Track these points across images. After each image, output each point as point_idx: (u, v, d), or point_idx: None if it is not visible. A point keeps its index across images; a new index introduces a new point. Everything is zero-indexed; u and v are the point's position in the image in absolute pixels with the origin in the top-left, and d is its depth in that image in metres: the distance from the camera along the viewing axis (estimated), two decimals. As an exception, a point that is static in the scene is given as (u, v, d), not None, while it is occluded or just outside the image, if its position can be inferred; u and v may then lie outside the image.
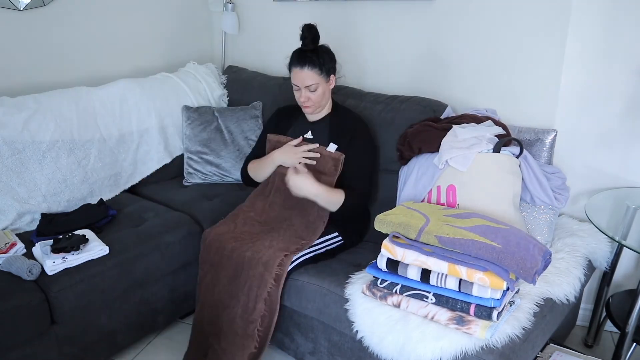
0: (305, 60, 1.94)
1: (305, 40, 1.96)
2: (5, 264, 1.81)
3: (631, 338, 1.83)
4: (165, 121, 2.63)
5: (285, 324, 2.02)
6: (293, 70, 1.97)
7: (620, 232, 1.85)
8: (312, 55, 1.94)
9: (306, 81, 1.94)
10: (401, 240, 1.60)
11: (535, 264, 1.45)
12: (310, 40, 1.96)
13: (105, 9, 2.68)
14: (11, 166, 2.12)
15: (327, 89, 2.02)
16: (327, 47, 2.02)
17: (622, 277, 2.20)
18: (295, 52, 1.99)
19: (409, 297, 1.60)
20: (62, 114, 2.29)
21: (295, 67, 1.96)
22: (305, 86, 1.95)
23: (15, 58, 2.40)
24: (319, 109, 2.04)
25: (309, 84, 1.94)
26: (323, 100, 2.02)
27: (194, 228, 2.22)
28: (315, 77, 1.94)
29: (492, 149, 1.85)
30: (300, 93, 1.98)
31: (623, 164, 2.08)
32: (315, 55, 1.95)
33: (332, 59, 2.01)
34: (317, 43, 1.98)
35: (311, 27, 1.97)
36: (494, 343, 1.46)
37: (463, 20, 2.23)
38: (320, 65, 1.94)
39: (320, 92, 1.98)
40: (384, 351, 1.60)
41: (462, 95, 2.31)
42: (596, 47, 2.00)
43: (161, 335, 2.29)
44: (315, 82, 1.95)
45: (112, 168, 2.45)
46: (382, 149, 2.21)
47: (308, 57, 1.94)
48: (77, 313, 1.87)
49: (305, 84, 1.95)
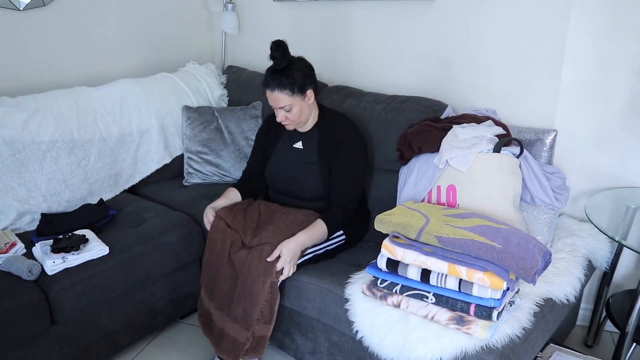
0: (274, 82, 1.86)
1: (275, 60, 1.87)
2: (5, 264, 1.82)
3: (631, 338, 1.83)
4: (165, 121, 2.63)
5: (285, 324, 2.02)
6: (266, 91, 1.91)
7: (620, 232, 1.85)
8: (282, 77, 1.85)
9: (279, 103, 1.89)
10: (401, 240, 1.60)
11: (536, 264, 1.45)
12: (280, 58, 1.85)
13: (105, 9, 2.68)
14: (11, 166, 2.12)
15: (305, 106, 1.93)
16: (301, 62, 1.91)
17: (622, 277, 2.20)
18: (267, 71, 1.91)
19: (409, 297, 1.60)
20: (62, 114, 2.29)
21: (267, 89, 1.90)
22: (279, 107, 1.91)
23: (15, 58, 2.41)
24: (300, 124, 1.99)
25: (282, 105, 1.89)
26: (302, 117, 1.95)
27: (194, 228, 2.22)
28: (287, 98, 1.88)
29: (493, 149, 1.85)
30: (277, 112, 1.94)
31: (623, 164, 2.08)
32: (285, 75, 1.85)
33: (306, 74, 1.90)
34: (288, 60, 1.88)
35: (279, 44, 1.86)
36: (494, 343, 1.46)
37: (463, 20, 2.23)
38: (291, 85, 1.86)
39: (297, 110, 1.92)
40: (384, 351, 1.60)
41: (462, 95, 2.31)
42: (596, 47, 2.00)
43: (161, 335, 2.29)
44: (288, 103, 1.89)
45: (112, 168, 2.45)
46: (382, 149, 2.21)
47: (277, 79, 1.86)
48: (77, 313, 1.87)
49: (279, 105, 1.90)
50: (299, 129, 2.05)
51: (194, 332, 2.31)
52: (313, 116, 2.03)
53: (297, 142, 2.06)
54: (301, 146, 2.05)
